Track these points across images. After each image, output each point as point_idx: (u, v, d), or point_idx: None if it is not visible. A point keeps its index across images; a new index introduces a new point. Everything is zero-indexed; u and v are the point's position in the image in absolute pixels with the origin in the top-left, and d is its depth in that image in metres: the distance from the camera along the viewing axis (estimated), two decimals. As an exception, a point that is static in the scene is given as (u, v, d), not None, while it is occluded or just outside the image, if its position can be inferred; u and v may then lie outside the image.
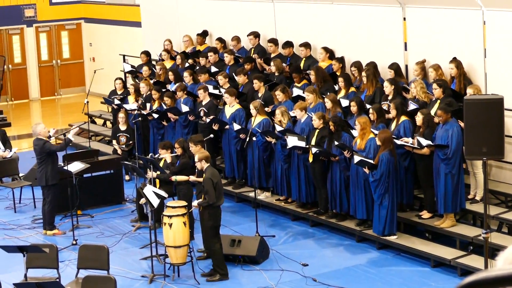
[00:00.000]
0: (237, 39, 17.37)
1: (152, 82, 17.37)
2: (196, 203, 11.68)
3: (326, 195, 13.25)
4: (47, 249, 10.52)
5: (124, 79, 19.23)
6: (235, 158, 15.03)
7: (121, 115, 16.86)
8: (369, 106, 13.11)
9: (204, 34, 18.55)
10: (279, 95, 14.40)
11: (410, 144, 12.16)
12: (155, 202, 11.63)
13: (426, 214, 12.49)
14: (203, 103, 15.50)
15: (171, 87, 16.76)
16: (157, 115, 16.10)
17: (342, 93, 14.20)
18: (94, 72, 19.54)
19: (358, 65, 14.42)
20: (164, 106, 16.09)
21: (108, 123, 20.20)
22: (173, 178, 12.86)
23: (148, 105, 16.60)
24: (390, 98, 13.21)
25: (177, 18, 19.64)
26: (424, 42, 13.81)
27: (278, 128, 13.55)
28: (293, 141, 13.14)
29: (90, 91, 19.90)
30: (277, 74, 15.62)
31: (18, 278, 10.70)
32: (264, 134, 13.83)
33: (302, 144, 13.12)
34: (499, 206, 12.47)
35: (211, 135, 14.47)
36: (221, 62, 17.08)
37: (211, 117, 15.04)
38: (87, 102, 17.94)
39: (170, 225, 11.54)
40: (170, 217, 11.58)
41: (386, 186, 11.99)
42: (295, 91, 14.80)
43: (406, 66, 14.33)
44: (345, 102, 13.59)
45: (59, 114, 24.69)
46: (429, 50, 13.67)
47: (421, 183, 12.62)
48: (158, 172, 13.03)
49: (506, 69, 12.54)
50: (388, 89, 13.27)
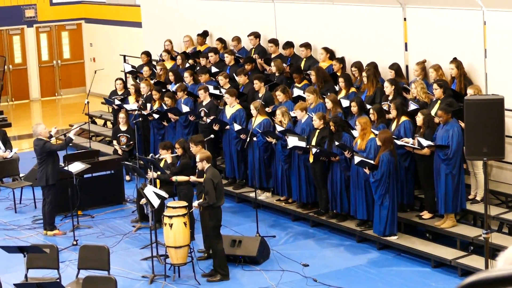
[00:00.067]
0: (237, 40, 17.37)
1: (152, 82, 17.37)
2: (196, 204, 11.69)
3: (327, 196, 13.24)
4: (48, 249, 10.52)
5: (124, 80, 19.23)
6: (236, 158, 15.02)
7: (121, 116, 16.87)
8: (369, 107, 13.10)
9: (204, 34, 18.55)
10: (280, 96, 14.40)
11: (411, 144, 12.16)
12: (156, 202, 11.63)
13: (426, 215, 12.48)
14: (204, 104, 15.50)
15: (172, 88, 16.76)
16: (157, 116, 16.10)
17: (343, 93, 14.20)
18: (95, 72, 19.53)
19: (358, 65, 14.42)
20: (164, 107, 16.08)
21: (108, 124, 20.20)
22: (173, 178, 12.86)
23: (148, 105, 16.60)
24: (390, 98, 13.21)
25: (177, 19, 19.64)
26: (424, 42, 13.81)
27: (279, 128, 13.54)
28: (293, 141, 13.14)
29: (91, 92, 19.90)
30: (277, 74, 15.61)
31: (18, 278, 10.70)
32: (264, 134, 13.82)
33: (303, 144, 13.12)
34: (500, 206, 12.47)
35: (212, 136, 14.46)
36: (221, 63, 17.08)
37: (212, 117, 15.04)
38: (88, 102, 17.93)
39: (171, 225, 11.53)
40: (170, 217, 11.58)
41: (387, 186, 11.98)
42: (296, 92, 14.80)
43: (407, 67, 14.33)
44: (345, 103, 13.58)
45: (60, 115, 24.69)
46: (429, 51, 13.66)
47: (421, 184, 12.61)
48: (159, 172, 13.04)
49: (506, 69, 12.53)
50: (388, 89, 13.27)
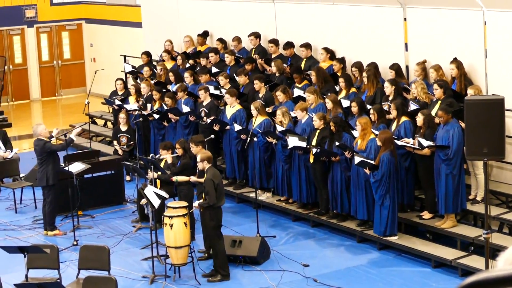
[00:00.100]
0: (238, 40, 17.37)
1: (153, 82, 17.37)
2: (197, 204, 11.68)
3: (327, 196, 13.24)
4: (48, 249, 10.52)
5: (125, 80, 19.22)
6: (236, 158, 15.02)
7: (122, 116, 16.87)
8: (369, 107, 13.10)
9: (205, 34, 18.55)
10: (280, 96, 14.40)
11: (411, 144, 12.16)
12: (156, 202, 11.63)
13: (427, 215, 12.48)
14: (204, 104, 15.50)
15: (172, 88, 16.76)
16: (158, 116, 16.10)
17: (343, 93, 14.20)
18: (95, 72, 19.53)
19: (359, 65, 14.43)
20: (165, 107, 16.08)
21: (109, 124, 20.20)
22: (174, 178, 12.86)
23: (149, 105, 16.60)
24: (390, 98, 13.20)
25: (177, 19, 19.64)
26: (425, 42, 13.81)
27: (279, 128, 13.54)
28: (294, 141, 13.14)
29: (91, 92, 19.91)
30: (277, 74, 15.61)
31: (19, 278, 10.70)
32: (265, 134, 13.82)
33: (303, 144, 13.12)
34: (500, 206, 12.47)
35: (212, 136, 14.46)
36: (222, 63, 17.08)
37: (212, 117, 15.04)
38: (88, 102, 17.94)
39: (171, 225, 11.53)
40: (171, 217, 11.58)
41: (387, 186, 11.98)
42: (296, 92, 14.80)
43: (407, 67, 14.33)
44: (346, 103, 13.58)
45: (60, 115, 24.69)
46: (430, 51, 13.66)
47: (421, 184, 12.61)
48: (159, 172, 13.03)
49: (506, 69, 12.53)
50: (388, 89, 13.27)
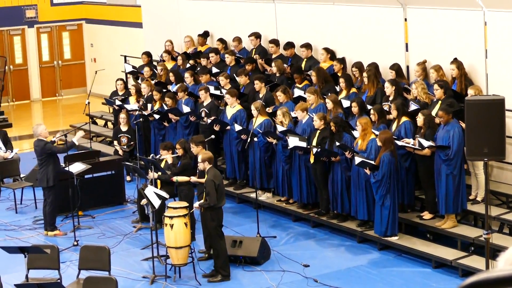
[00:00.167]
0: (238, 40, 17.37)
1: (153, 82, 17.37)
2: (197, 204, 11.68)
3: (327, 196, 13.24)
4: (48, 250, 10.51)
5: (125, 80, 19.22)
6: (236, 159, 15.02)
7: (122, 116, 16.88)
8: (370, 107, 13.10)
9: (205, 34, 18.56)
10: (280, 96, 14.40)
11: (411, 145, 12.15)
12: (156, 203, 11.63)
13: (427, 215, 12.48)
14: (204, 104, 15.50)
15: (172, 88, 16.76)
16: (158, 116, 16.10)
17: (343, 93, 14.20)
18: (95, 72, 19.53)
19: (359, 65, 14.43)
20: (165, 107, 16.08)
21: (109, 124, 20.20)
22: (174, 178, 12.86)
23: (149, 105, 16.60)
24: (391, 99, 13.20)
25: (178, 19, 19.65)
26: (425, 42, 13.81)
27: (280, 128, 13.54)
28: (294, 141, 13.14)
29: (91, 92, 19.91)
30: (278, 75, 15.61)
31: (19, 279, 10.70)
32: (265, 134, 13.82)
33: (303, 144, 13.11)
34: (500, 207, 12.46)
35: (212, 136, 14.45)
36: (222, 63, 17.08)
37: (212, 118, 15.04)
38: (88, 103, 17.94)
39: (171, 226, 11.53)
40: (171, 218, 11.58)
41: (388, 187, 11.98)
42: (296, 92, 14.80)
43: (407, 67, 14.33)
44: (346, 103, 13.58)
45: (60, 115, 24.70)
46: (430, 51, 13.66)
47: (422, 184, 12.60)
48: (159, 173, 13.04)
49: (507, 69, 12.53)
50: (389, 89, 13.27)
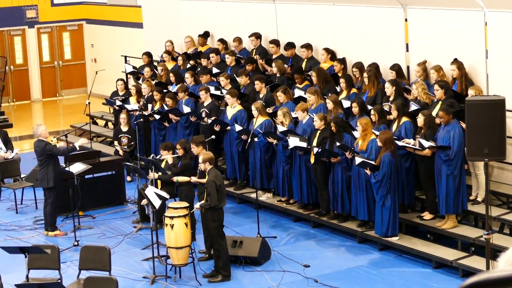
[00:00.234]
0: (238, 40, 17.37)
1: (153, 83, 17.38)
2: (198, 205, 11.67)
3: (328, 196, 13.24)
4: (49, 250, 10.52)
5: (125, 80, 19.22)
6: (237, 159, 15.02)
7: (122, 116, 16.88)
8: (370, 107, 13.10)
9: (205, 35, 18.56)
10: (281, 96, 14.40)
11: (412, 145, 12.15)
12: (157, 203, 11.63)
13: (427, 215, 12.47)
14: (205, 104, 15.50)
15: (173, 88, 16.76)
16: (158, 116, 16.10)
17: (344, 94, 14.20)
18: (96, 73, 19.53)
19: (359, 66, 14.43)
20: (165, 107, 16.08)
21: (109, 124, 20.20)
22: (174, 179, 12.86)
23: (149, 106, 16.60)
24: (391, 99, 13.20)
25: (178, 19, 19.65)
26: (425, 43, 13.80)
27: (280, 128, 13.54)
28: (294, 141, 13.14)
29: (92, 92, 19.91)
30: (278, 75, 15.61)
31: (19, 279, 10.70)
32: (265, 135, 13.82)
33: (304, 145, 13.11)
34: (501, 207, 12.46)
35: (213, 136, 14.45)
36: (222, 63, 17.09)
37: (213, 118, 15.04)
38: (89, 103, 17.95)
39: (172, 226, 11.53)
40: (171, 218, 11.58)
41: (388, 187, 11.97)
42: (297, 92, 14.80)
43: (408, 67, 14.33)
44: (346, 103, 13.58)
45: (61, 115, 24.70)
46: (430, 51, 13.66)
47: (422, 184, 12.60)
48: (160, 173, 13.04)
49: (507, 70, 12.53)
50: (389, 90, 13.27)
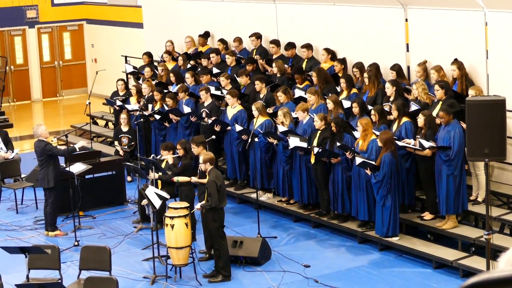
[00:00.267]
0: (239, 40, 17.37)
1: (154, 83, 17.38)
2: (199, 206, 11.66)
3: (328, 196, 13.23)
4: (49, 250, 10.52)
5: (126, 80, 19.22)
6: (237, 159, 15.02)
7: (123, 116, 16.88)
8: (371, 107, 13.10)
9: (206, 35, 18.56)
10: (281, 96, 14.40)
11: (412, 145, 12.15)
12: (157, 203, 11.63)
13: (428, 216, 12.47)
14: (205, 104, 15.50)
15: (173, 88, 16.76)
16: (159, 116, 16.10)
17: (344, 94, 14.20)
18: (96, 73, 19.52)
19: (360, 66, 14.43)
20: (166, 107, 16.08)
21: (110, 124, 20.20)
22: (175, 179, 12.86)
23: (150, 106, 16.60)
24: (391, 99, 13.20)
25: (179, 19, 19.65)
26: (426, 43, 13.80)
27: (281, 128, 13.54)
28: (295, 141, 13.14)
29: (92, 92, 19.90)
30: (279, 75, 15.62)
31: (20, 279, 10.70)
32: (266, 135, 13.82)
33: (304, 145, 13.11)
34: (501, 207, 12.46)
35: (213, 136, 14.45)
36: (223, 63, 17.09)
37: (213, 118, 15.04)
38: (89, 103, 17.94)
39: (172, 226, 11.53)
40: (172, 218, 11.58)
41: (389, 187, 11.97)
42: (297, 92, 14.79)
43: (408, 67, 14.33)
44: (347, 103, 13.58)
45: (61, 115, 24.70)
46: (431, 51, 13.66)
47: (422, 185, 12.60)
48: (160, 173, 13.04)
49: (508, 70, 12.52)
50: (389, 90, 13.27)
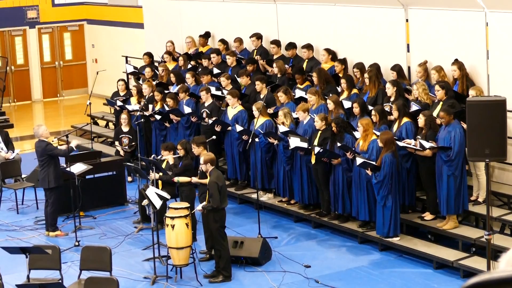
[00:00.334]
0: (239, 41, 17.38)
1: (154, 83, 17.38)
2: (200, 207, 11.64)
3: (329, 197, 13.23)
4: (50, 250, 10.52)
5: (126, 81, 19.23)
6: (238, 159, 15.02)
7: (123, 117, 16.88)
8: (371, 108, 13.10)
9: (206, 35, 18.56)
10: (281, 97, 14.40)
11: (413, 146, 12.15)
12: (158, 203, 11.63)
13: (428, 216, 12.48)
14: (206, 105, 15.50)
15: (173, 89, 16.77)
16: (159, 117, 16.11)
17: (345, 94, 14.20)
18: (97, 73, 19.53)
19: (360, 66, 14.43)
20: (166, 108, 16.09)
21: (110, 125, 20.21)
22: (175, 179, 12.87)
23: (150, 106, 16.60)
24: (392, 99, 13.20)
25: (179, 20, 19.65)
26: (426, 43, 13.81)
27: (281, 128, 13.54)
28: (295, 142, 13.15)
29: (93, 93, 19.91)
30: (279, 75, 15.62)
31: (20, 279, 10.71)
32: (266, 135, 13.82)
33: (304, 145, 13.12)
34: (502, 207, 12.47)
35: (214, 137, 14.45)
36: (223, 64, 17.09)
37: (214, 118, 15.04)
38: (90, 103, 17.95)
39: (173, 226, 11.53)
40: (172, 218, 11.58)
41: (389, 187, 11.97)
42: (298, 93, 14.80)
43: (409, 68, 14.33)
44: (347, 104, 13.58)
45: (62, 116, 24.71)
46: (431, 52, 13.66)
47: (423, 185, 12.60)
48: (161, 173, 13.04)
49: (508, 70, 12.52)
50: (390, 90, 13.27)
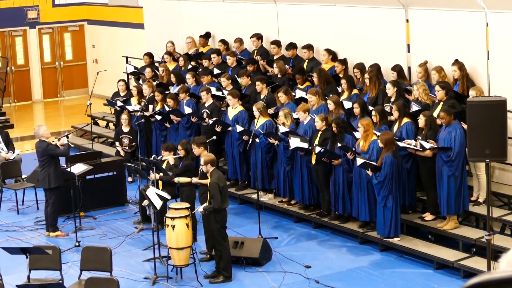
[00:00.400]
0: (240, 41, 17.38)
1: (155, 83, 17.38)
2: (201, 209, 11.63)
3: (329, 197, 13.23)
4: (50, 250, 10.52)
5: (127, 81, 19.23)
6: (238, 160, 15.02)
7: (124, 117, 16.88)
8: (371, 108, 13.10)
9: (207, 36, 18.56)
10: (282, 97, 14.40)
11: (413, 146, 12.15)
12: (158, 204, 11.63)
13: (429, 216, 12.48)
14: (206, 105, 15.50)
15: (174, 89, 16.77)
16: (159, 117, 16.11)
17: (345, 95, 14.20)
18: (97, 73, 19.54)
19: (361, 67, 14.42)
20: (166, 108, 16.09)
21: (111, 125, 20.21)
22: (176, 179, 12.87)
23: (151, 106, 16.61)
24: (392, 100, 13.20)
25: (179, 20, 19.65)
26: (427, 44, 13.80)
27: (282, 129, 13.54)
28: (295, 142, 13.15)
29: (93, 93, 19.91)
30: (279, 76, 15.62)
31: (21, 279, 10.71)
32: (267, 135, 13.82)
33: (305, 145, 13.12)
34: (502, 208, 12.47)
35: (214, 137, 14.45)
36: (224, 64, 17.09)
37: (214, 119, 15.04)
38: (90, 104, 17.95)
39: (173, 226, 11.53)
40: (173, 218, 11.58)
41: (390, 188, 11.97)
42: (298, 93, 14.80)
43: (409, 68, 14.33)
44: (347, 104, 13.58)
45: (62, 116, 24.71)
46: (432, 52, 13.66)
47: (423, 185, 12.60)
48: (161, 173, 13.04)
49: (509, 71, 12.52)
50: (390, 91, 13.27)
